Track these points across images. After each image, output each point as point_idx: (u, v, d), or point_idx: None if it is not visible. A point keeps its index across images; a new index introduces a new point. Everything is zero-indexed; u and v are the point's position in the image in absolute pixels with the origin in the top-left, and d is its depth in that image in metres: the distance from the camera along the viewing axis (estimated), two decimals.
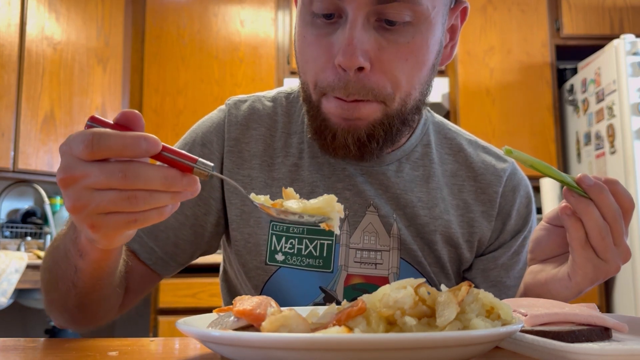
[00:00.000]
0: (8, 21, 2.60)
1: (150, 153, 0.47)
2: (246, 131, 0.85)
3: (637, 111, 2.55)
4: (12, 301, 2.33)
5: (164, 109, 3.10)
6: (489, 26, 3.15)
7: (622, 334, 0.56)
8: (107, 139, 0.47)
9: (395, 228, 0.81)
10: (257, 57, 3.12)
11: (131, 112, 0.50)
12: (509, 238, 0.86)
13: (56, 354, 0.56)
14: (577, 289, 0.66)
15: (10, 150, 2.56)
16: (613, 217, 0.63)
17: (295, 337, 0.39)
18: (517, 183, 0.87)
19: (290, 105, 0.88)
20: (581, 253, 0.64)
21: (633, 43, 2.61)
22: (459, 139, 0.89)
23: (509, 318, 0.47)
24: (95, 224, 0.50)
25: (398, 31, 0.69)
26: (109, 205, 0.48)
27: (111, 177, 0.47)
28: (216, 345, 0.44)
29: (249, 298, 0.52)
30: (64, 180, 0.49)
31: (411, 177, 0.83)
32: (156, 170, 0.48)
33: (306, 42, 0.73)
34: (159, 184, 0.48)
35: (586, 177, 0.63)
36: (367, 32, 0.68)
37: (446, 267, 0.83)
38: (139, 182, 0.47)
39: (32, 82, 2.65)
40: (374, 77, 0.69)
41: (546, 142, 3.05)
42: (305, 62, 0.74)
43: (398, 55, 0.69)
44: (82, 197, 0.48)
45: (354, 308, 0.45)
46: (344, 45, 0.67)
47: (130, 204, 0.48)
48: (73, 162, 0.48)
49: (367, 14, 0.67)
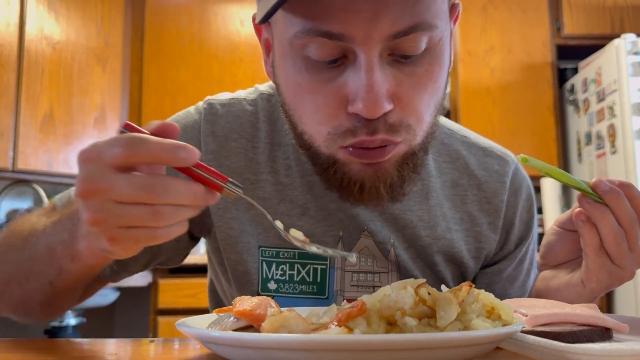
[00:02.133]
0: (7, 21, 2.60)
1: (187, 163, 0.46)
2: (225, 143, 0.75)
3: (637, 111, 2.55)
4: None
5: (164, 109, 3.10)
6: (489, 26, 3.15)
7: (622, 334, 0.56)
8: (147, 142, 0.45)
9: (392, 254, 0.75)
10: (257, 57, 3.12)
11: (169, 124, 0.49)
12: (513, 248, 0.81)
13: (56, 354, 0.56)
14: (592, 295, 0.66)
15: (10, 150, 2.56)
16: (629, 223, 0.61)
17: (295, 338, 0.39)
18: (518, 186, 0.81)
19: (272, 111, 0.78)
20: (596, 260, 0.63)
21: (634, 43, 2.61)
22: (455, 143, 0.82)
23: (509, 318, 0.47)
24: (115, 237, 0.48)
25: (415, 62, 0.59)
26: (133, 219, 0.46)
27: (139, 190, 0.45)
28: (216, 345, 0.44)
29: (249, 298, 0.52)
30: (86, 191, 0.46)
31: (409, 194, 0.75)
32: (185, 185, 0.47)
33: (304, 90, 0.61)
34: (186, 199, 0.47)
35: (601, 182, 0.62)
36: (384, 70, 0.57)
37: (449, 286, 0.77)
38: (167, 197, 0.46)
39: (32, 82, 2.65)
40: (396, 115, 0.59)
41: (547, 142, 3.05)
42: (306, 113, 0.62)
43: (418, 88, 0.60)
44: (104, 210, 0.46)
45: (354, 308, 0.44)
46: (364, 92, 0.56)
47: (156, 218, 0.46)
48: (98, 172, 0.46)
49: (380, 52, 0.57)
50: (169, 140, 0.46)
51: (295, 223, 0.73)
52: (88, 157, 0.47)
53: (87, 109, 2.86)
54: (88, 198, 0.47)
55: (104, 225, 0.47)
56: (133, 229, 0.47)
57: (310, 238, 0.62)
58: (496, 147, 0.84)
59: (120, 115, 2.99)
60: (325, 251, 0.51)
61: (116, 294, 2.68)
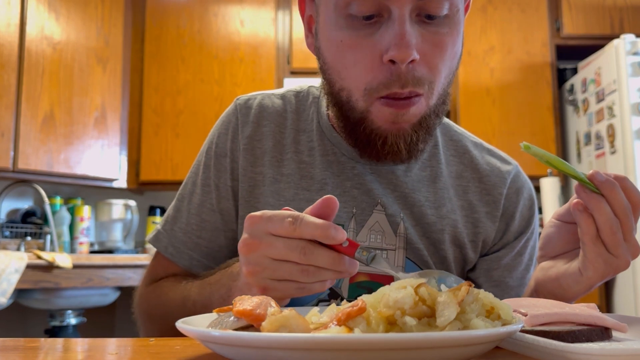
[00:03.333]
0: (8, 21, 2.60)
1: (336, 241, 0.56)
2: (257, 128, 0.86)
3: (637, 111, 2.55)
4: (12, 301, 2.34)
5: (164, 109, 3.10)
6: (489, 26, 3.15)
7: (622, 334, 0.56)
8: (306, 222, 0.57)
9: (402, 227, 0.82)
10: (257, 57, 3.12)
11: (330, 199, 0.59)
12: (512, 239, 0.87)
13: (56, 354, 0.56)
14: (588, 283, 0.67)
15: (10, 150, 2.56)
16: (624, 213, 0.64)
17: (295, 337, 0.39)
18: (520, 185, 0.88)
19: (299, 104, 0.89)
20: (592, 248, 0.65)
21: (633, 43, 2.61)
22: (464, 141, 0.91)
23: (509, 318, 0.47)
24: (267, 287, 0.59)
25: (437, 24, 0.71)
26: (285, 274, 0.57)
27: (293, 252, 0.56)
28: (216, 345, 0.44)
29: (249, 298, 0.52)
30: (249, 245, 0.58)
31: (419, 177, 0.85)
32: (327, 252, 0.57)
33: (345, 45, 0.72)
34: (328, 263, 0.57)
35: (598, 173, 0.64)
36: (413, 26, 0.70)
37: (451, 267, 0.84)
38: (312, 260, 0.56)
39: (32, 82, 2.65)
40: (420, 68, 0.71)
41: (546, 142, 3.05)
42: (346, 67, 0.73)
43: (439, 47, 0.72)
44: (262, 264, 0.58)
45: (354, 308, 0.45)
46: (397, 39, 0.68)
47: (303, 275, 0.57)
48: (261, 233, 0.58)
49: (410, 10, 0.69)
50: (324, 223, 0.57)
51: (313, 197, 0.82)
52: (255, 221, 0.58)
53: (88, 109, 2.86)
54: (249, 253, 0.59)
55: (259, 276, 0.59)
56: (283, 282, 0.58)
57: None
58: (502, 152, 0.93)
59: (120, 116, 2.99)
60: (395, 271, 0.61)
61: (117, 294, 2.68)
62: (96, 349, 0.59)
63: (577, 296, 0.70)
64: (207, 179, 0.86)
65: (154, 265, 0.91)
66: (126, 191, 3.24)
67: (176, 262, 0.87)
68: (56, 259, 2.31)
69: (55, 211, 2.85)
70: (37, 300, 2.43)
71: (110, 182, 2.97)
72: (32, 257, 2.30)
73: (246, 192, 0.84)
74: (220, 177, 0.85)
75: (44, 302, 2.45)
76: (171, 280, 0.86)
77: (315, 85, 0.92)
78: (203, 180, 0.87)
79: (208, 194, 0.86)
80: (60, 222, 2.82)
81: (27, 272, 2.24)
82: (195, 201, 0.87)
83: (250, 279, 0.59)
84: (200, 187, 0.87)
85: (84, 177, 2.83)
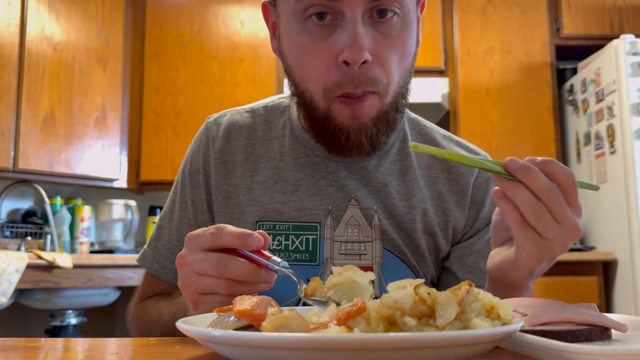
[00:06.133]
0: (8, 21, 2.60)
1: (251, 248, 0.60)
2: (227, 142, 0.91)
3: (636, 111, 2.55)
4: (12, 301, 2.34)
5: (164, 109, 3.10)
6: (489, 26, 3.15)
7: (621, 333, 0.57)
8: (226, 231, 0.61)
9: (376, 219, 0.86)
10: (257, 57, 3.12)
11: (262, 233, 0.61)
12: (483, 225, 0.90)
13: (56, 354, 0.56)
14: (526, 269, 0.65)
15: (11, 150, 2.56)
16: (547, 196, 0.61)
17: (295, 337, 0.39)
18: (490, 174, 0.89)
19: (268, 114, 0.94)
20: (520, 233, 0.63)
21: (633, 43, 2.61)
22: (433, 134, 0.95)
23: (508, 318, 0.47)
24: (196, 300, 0.62)
25: (389, 24, 0.76)
26: (207, 288, 0.61)
27: (209, 265, 0.60)
28: (216, 345, 0.44)
29: (249, 298, 0.52)
30: (179, 263, 0.63)
31: (390, 171, 0.89)
32: (242, 263, 0.60)
33: (304, 49, 0.78)
34: (243, 275, 0.60)
35: (512, 160, 0.62)
36: (366, 28, 0.74)
37: (425, 256, 0.87)
38: (228, 272, 0.60)
39: (32, 82, 2.65)
40: (374, 68, 0.75)
41: (546, 142, 3.05)
42: (306, 70, 0.79)
43: (391, 47, 0.77)
44: (188, 278, 0.62)
45: (353, 308, 0.45)
46: (350, 41, 0.73)
47: (222, 288, 0.60)
48: (193, 249, 0.62)
49: (362, 12, 0.74)
50: (241, 230, 0.61)
51: (289, 199, 0.86)
52: (191, 238, 0.63)
53: (88, 109, 2.86)
54: (181, 269, 0.63)
55: (188, 290, 0.62)
56: (208, 295, 0.61)
57: (303, 212, 0.85)
58: (471, 144, 0.97)
59: (120, 116, 2.99)
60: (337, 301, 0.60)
61: (117, 294, 2.68)
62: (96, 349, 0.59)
63: (520, 283, 0.68)
64: (184, 196, 0.92)
65: (143, 284, 0.96)
66: (126, 191, 3.24)
67: (161, 277, 0.91)
68: (56, 259, 2.31)
69: (56, 211, 2.85)
70: (38, 300, 2.43)
71: (111, 182, 2.97)
72: (32, 257, 2.30)
73: (221, 204, 0.88)
74: (195, 193, 0.91)
75: (45, 302, 2.45)
76: (154, 299, 0.91)
77: (285, 96, 0.97)
78: (181, 197, 0.92)
79: (185, 210, 0.91)
80: (61, 222, 2.82)
81: (27, 272, 2.24)
82: (175, 218, 0.92)
83: (184, 293, 0.63)
84: (178, 205, 0.92)
85: (84, 177, 2.83)
